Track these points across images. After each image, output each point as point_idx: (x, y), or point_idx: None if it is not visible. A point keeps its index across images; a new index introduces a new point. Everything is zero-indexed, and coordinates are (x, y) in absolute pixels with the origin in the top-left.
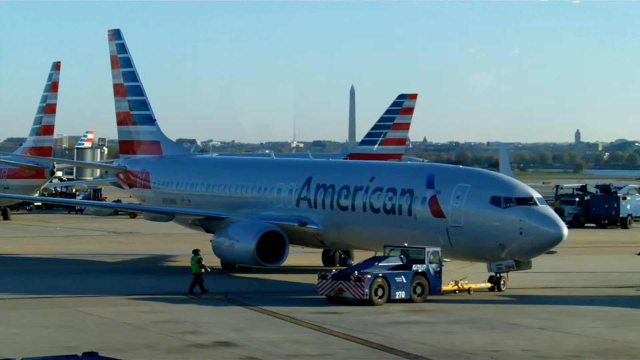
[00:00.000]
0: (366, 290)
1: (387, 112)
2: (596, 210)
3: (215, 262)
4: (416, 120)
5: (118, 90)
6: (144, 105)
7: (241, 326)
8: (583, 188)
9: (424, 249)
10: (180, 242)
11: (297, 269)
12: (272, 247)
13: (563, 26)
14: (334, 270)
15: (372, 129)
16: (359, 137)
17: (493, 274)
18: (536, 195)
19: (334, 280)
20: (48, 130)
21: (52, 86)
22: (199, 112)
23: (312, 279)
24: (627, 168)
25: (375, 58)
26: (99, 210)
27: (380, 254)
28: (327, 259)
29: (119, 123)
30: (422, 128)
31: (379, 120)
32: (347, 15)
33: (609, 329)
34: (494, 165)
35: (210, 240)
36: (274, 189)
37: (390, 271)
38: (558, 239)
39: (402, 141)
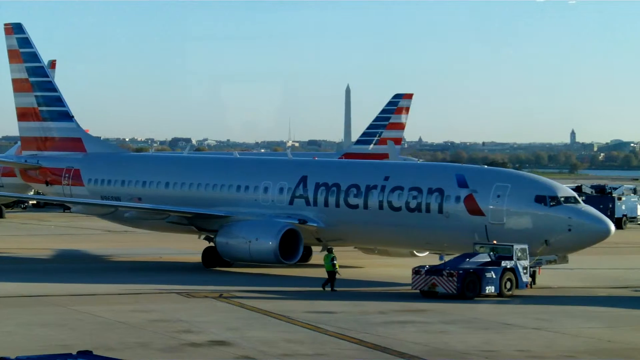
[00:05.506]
0: (458, 285)
1: (383, 111)
2: None
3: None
4: (411, 120)
5: (20, 86)
6: (58, 101)
7: (236, 325)
8: (578, 188)
9: (512, 246)
10: (173, 241)
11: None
12: (285, 245)
13: (558, 26)
14: (427, 266)
15: (368, 128)
16: (355, 136)
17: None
18: (575, 194)
19: (427, 276)
20: None
21: None
22: (194, 111)
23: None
24: (622, 168)
25: (371, 57)
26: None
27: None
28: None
29: (21, 119)
30: (418, 128)
31: (375, 120)
32: (343, 14)
33: (605, 329)
34: (489, 164)
35: (204, 238)
36: (259, 188)
37: (480, 267)
38: (607, 234)
39: (398, 141)
